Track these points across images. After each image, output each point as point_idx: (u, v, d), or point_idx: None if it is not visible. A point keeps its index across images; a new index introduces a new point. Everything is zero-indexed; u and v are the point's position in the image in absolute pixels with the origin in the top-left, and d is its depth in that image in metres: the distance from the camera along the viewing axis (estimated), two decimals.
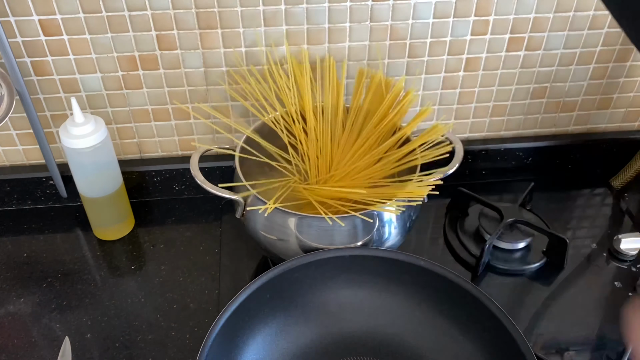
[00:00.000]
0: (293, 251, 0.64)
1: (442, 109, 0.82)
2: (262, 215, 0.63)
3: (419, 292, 0.64)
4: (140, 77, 0.74)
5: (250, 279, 0.69)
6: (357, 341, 0.64)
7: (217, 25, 0.70)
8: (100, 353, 0.65)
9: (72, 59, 0.71)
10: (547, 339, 0.66)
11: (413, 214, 0.68)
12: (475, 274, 0.73)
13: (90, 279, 0.73)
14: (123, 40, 0.70)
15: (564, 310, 0.69)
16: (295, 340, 0.63)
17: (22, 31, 0.68)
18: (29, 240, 0.78)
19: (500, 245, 0.76)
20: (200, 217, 0.82)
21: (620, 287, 0.72)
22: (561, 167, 0.89)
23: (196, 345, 0.59)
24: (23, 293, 0.71)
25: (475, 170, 0.87)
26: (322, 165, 0.72)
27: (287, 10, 0.70)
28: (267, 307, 0.62)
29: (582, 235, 0.79)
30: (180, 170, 0.82)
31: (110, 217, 0.77)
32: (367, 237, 0.64)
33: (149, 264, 0.75)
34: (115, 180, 0.74)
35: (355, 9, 0.71)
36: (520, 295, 0.71)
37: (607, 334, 0.67)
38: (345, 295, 0.65)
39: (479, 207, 0.79)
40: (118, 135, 0.79)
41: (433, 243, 0.78)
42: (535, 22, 0.75)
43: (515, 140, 0.86)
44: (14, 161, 0.81)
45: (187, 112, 0.78)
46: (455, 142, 0.70)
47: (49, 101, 0.75)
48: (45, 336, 0.66)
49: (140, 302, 0.70)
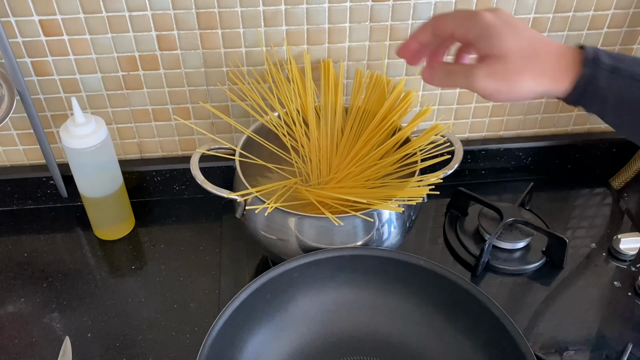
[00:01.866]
0: (293, 251, 0.64)
1: (441, 109, 0.82)
2: (262, 215, 0.63)
3: (419, 292, 0.64)
4: (141, 77, 0.74)
5: (250, 278, 0.69)
6: (357, 341, 0.64)
7: (217, 25, 0.70)
8: (101, 353, 0.65)
9: (73, 59, 0.71)
10: (547, 339, 0.66)
11: (413, 214, 0.68)
12: (475, 274, 0.74)
13: (90, 279, 0.73)
14: (123, 41, 0.70)
15: (563, 310, 0.69)
16: (295, 340, 0.63)
17: (23, 31, 0.68)
18: (29, 240, 0.78)
19: (499, 245, 0.76)
20: (200, 217, 0.82)
21: (620, 286, 0.72)
22: (561, 167, 0.89)
23: (196, 344, 0.59)
24: (23, 293, 0.71)
25: (474, 170, 0.87)
26: (322, 168, 0.72)
27: (287, 11, 0.70)
28: (267, 307, 0.62)
29: (582, 235, 0.79)
30: (181, 170, 0.82)
31: (110, 217, 0.77)
32: (367, 237, 0.64)
33: (149, 264, 0.75)
34: (116, 180, 0.74)
35: (355, 9, 0.71)
36: (519, 295, 0.71)
37: (607, 333, 0.67)
38: (345, 295, 0.65)
39: (478, 207, 0.79)
40: (118, 135, 0.80)
41: (433, 243, 0.78)
42: (535, 22, 0.75)
43: (514, 140, 0.86)
44: (15, 161, 0.81)
45: (188, 112, 0.78)
46: (454, 142, 0.70)
47: (50, 101, 0.75)
48: (45, 336, 0.66)
49: (141, 302, 0.70)
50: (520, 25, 0.46)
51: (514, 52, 0.44)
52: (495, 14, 0.46)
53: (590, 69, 0.44)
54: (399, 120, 0.70)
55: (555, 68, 0.45)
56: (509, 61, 0.44)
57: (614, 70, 0.43)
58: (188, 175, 0.82)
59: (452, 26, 0.47)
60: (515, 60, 0.44)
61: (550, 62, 0.45)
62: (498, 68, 0.45)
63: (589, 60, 0.44)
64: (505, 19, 0.46)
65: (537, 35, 0.46)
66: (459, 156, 0.69)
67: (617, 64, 0.43)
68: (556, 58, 0.45)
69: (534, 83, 0.45)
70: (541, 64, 0.45)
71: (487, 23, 0.45)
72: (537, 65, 0.45)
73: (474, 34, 0.46)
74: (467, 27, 0.46)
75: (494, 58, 0.45)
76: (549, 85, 0.45)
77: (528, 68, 0.44)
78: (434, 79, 0.49)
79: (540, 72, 0.45)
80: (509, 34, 0.45)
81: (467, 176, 0.88)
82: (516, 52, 0.44)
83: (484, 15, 0.46)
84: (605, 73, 0.43)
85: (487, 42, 0.45)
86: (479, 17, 0.46)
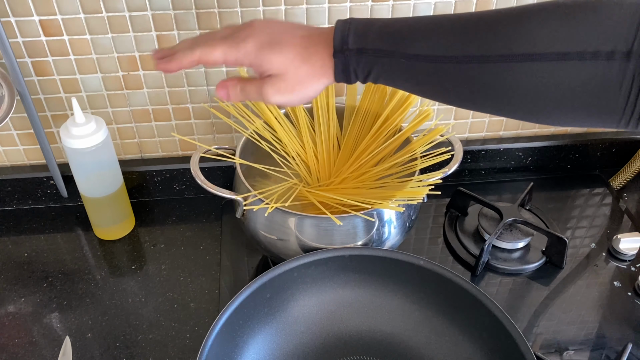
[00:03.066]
0: (293, 251, 0.64)
1: (441, 109, 0.82)
2: (262, 215, 0.63)
3: (419, 291, 0.64)
4: (141, 77, 0.74)
5: (250, 278, 0.69)
6: (356, 341, 0.64)
7: (217, 25, 0.70)
8: (101, 352, 0.65)
9: (73, 59, 0.71)
10: (546, 339, 0.67)
11: (413, 214, 0.68)
12: (475, 274, 0.74)
13: (90, 279, 0.73)
14: (123, 41, 0.70)
15: (563, 310, 0.70)
16: (295, 340, 0.63)
17: (23, 31, 0.68)
18: (29, 240, 0.78)
19: (499, 245, 0.76)
20: (200, 217, 0.82)
21: (620, 286, 0.72)
22: (560, 167, 0.89)
23: (196, 344, 0.59)
24: (24, 293, 0.71)
25: (474, 170, 0.88)
26: (322, 172, 0.72)
27: (287, 11, 0.70)
28: (267, 307, 0.62)
29: (581, 235, 0.79)
30: (181, 170, 0.82)
31: (110, 217, 0.77)
32: (367, 237, 0.64)
33: (150, 264, 0.75)
34: (116, 180, 0.74)
35: (355, 9, 0.71)
36: (519, 294, 0.71)
37: (607, 333, 0.67)
38: (345, 295, 0.65)
39: (478, 207, 0.79)
40: (118, 135, 0.80)
41: (432, 243, 0.78)
42: None
43: (514, 140, 0.86)
44: (15, 161, 0.81)
45: (188, 112, 0.78)
46: (454, 142, 0.70)
47: (50, 101, 0.75)
48: (45, 336, 0.67)
49: (141, 302, 0.70)
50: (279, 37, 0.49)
51: (286, 68, 0.49)
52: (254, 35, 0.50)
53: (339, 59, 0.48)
54: (400, 122, 0.70)
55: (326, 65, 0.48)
56: (286, 77, 0.49)
57: (359, 52, 0.47)
58: (188, 175, 0.82)
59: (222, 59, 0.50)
60: (290, 74, 0.49)
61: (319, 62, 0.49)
62: (281, 85, 0.49)
63: (337, 51, 0.47)
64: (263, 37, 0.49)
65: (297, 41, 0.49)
66: (459, 156, 0.69)
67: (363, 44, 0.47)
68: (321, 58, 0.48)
69: (315, 84, 0.50)
70: (312, 69, 0.49)
71: (250, 51, 0.49)
72: (310, 70, 0.49)
73: (247, 63, 0.50)
74: (236, 58, 0.50)
75: (274, 77, 0.49)
76: (328, 80, 0.49)
77: (304, 76, 0.49)
78: (230, 97, 0.53)
79: (316, 75, 0.49)
80: (274, 54, 0.49)
81: (467, 176, 0.88)
82: (287, 67, 0.49)
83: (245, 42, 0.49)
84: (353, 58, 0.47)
85: (260, 68, 0.49)
86: (242, 46, 0.49)
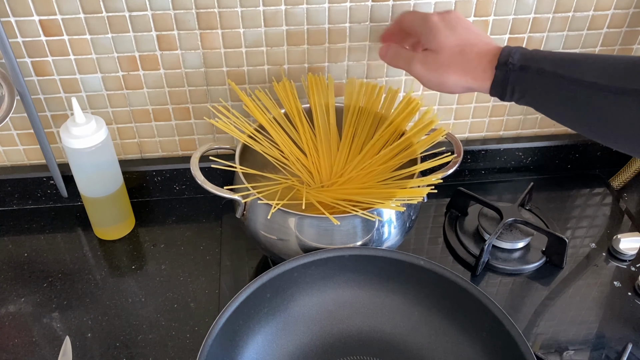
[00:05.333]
0: (293, 251, 0.64)
1: (441, 109, 0.82)
2: (262, 215, 0.63)
3: (419, 291, 0.64)
4: (141, 77, 0.74)
5: (251, 278, 0.69)
6: (356, 341, 0.64)
7: (217, 25, 0.70)
8: (101, 352, 0.65)
9: (73, 59, 0.71)
10: (547, 339, 0.67)
11: (413, 214, 0.68)
12: (475, 274, 0.74)
13: (90, 279, 0.73)
14: (123, 41, 0.70)
15: (563, 310, 0.70)
16: (295, 340, 0.63)
17: (23, 31, 0.68)
18: (29, 240, 0.78)
19: (499, 245, 0.76)
20: (200, 217, 0.82)
21: (620, 286, 0.72)
22: (560, 167, 0.89)
23: (196, 344, 0.59)
24: (24, 293, 0.71)
25: (474, 170, 0.88)
26: (323, 173, 0.72)
27: (287, 11, 0.70)
28: (268, 307, 0.62)
29: (582, 235, 0.79)
30: (181, 170, 0.82)
31: (110, 217, 0.77)
32: (367, 237, 0.64)
33: (150, 264, 0.75)
34: (116, 180, 0.74)
35: (355, 9, 0.71)
36: (519, 294, 0.71)
37: (607, 333, 0.67)
38: (345, 295, 0.65)
39: (478, 207, 0.79)
40: (118, 135, 0.80)
41: (432, 243, 0.78)
42: (535, 22, 0.75)
43: (514, 140, 0.86)
44: (15, 161, 0.81)
45: (188, 112, 0.78)
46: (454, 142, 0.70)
47: (50, 101, 0.75)
48: (45, 336, 0.67)
49: (141, 302, 0.70)
50: (461, 26, 0.55)
51: (446, 49, 0.53)
52: (442, 17, 0.56)
53: (501, 71, 0.50)
54: (405, 125, 0.70)
55: (477, 67, 0.51)
56: (440, 55, 0.53)
57: (522, 69, 0.49)
58: (188, 175, 0.82)
59: (410, 22, 0.59)
60: (445, 55, 0.53)
61: (473, 62, 0.52)
62: (430, 59, 0.54)
63: (500, 64, 0.50)
64: (449, 20, 0.55)
65: (471, 36, 0.53)
66: (459, 156, 0.69)
67: (527, 62, 0.49)
68: (478, 58, 0.52)
69: (457, 78, 0.53)
70: (465, 63, 0.52)
71: (431, 23, 0.55)
72: (461, 62, 0.52)
73: (421, 30, 0.56)
74: (418, 25, 0.57)
75: (430, 51, 0.55)
76: (472, 81, 0.52)
77: (453, 64, 0.52)
78: (386, 56, 0.61)
79: (464, 69, 0.52)
80: (445, 34, 0.54)
81: (467, 176, 0.88)
82: (447, 49, 0.53)
83: (432, 17, 0.56)
84: (514, 73, 0.49)
85: (427, 38, 0.55)
86: (427, 18, 0.56)
